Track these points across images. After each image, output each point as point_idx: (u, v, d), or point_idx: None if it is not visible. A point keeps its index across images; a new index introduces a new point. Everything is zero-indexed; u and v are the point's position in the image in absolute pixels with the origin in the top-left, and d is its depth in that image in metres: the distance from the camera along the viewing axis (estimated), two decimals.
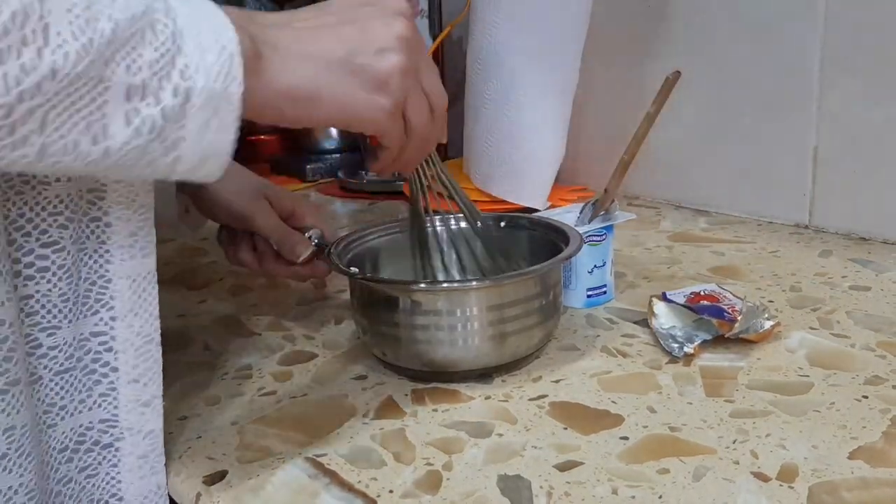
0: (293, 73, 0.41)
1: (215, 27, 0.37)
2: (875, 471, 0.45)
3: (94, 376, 0.45)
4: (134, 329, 0.45)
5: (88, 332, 0.45)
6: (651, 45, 1.03)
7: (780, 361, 0.59)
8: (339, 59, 0.43)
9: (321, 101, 0.42)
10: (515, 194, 0.97)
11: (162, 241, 1.01)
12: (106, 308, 0.45)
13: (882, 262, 0.79)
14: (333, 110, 0.43)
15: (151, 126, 0.36)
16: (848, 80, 0.85)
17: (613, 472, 0.46)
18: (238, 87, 0.37)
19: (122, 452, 0.47)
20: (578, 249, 0.61)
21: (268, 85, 0.40)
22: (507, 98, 0.96)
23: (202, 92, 0.36)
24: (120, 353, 0.45)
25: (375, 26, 0.44)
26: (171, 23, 0.36)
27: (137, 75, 0.35)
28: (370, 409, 0.55)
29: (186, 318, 0.75)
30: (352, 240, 0.65)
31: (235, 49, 0.37)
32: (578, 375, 0.58)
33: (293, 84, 0.41)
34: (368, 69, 0.43)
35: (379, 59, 0.44)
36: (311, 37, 0.43)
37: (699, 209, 1.02)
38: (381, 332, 0.59)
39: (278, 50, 0.41)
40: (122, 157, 0.36)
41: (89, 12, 0.33)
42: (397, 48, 0.44)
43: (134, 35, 0.35)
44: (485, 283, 0.59)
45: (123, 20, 0.34)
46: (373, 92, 0.44)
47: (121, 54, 0.34)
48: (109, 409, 0.46)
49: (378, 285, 0.59)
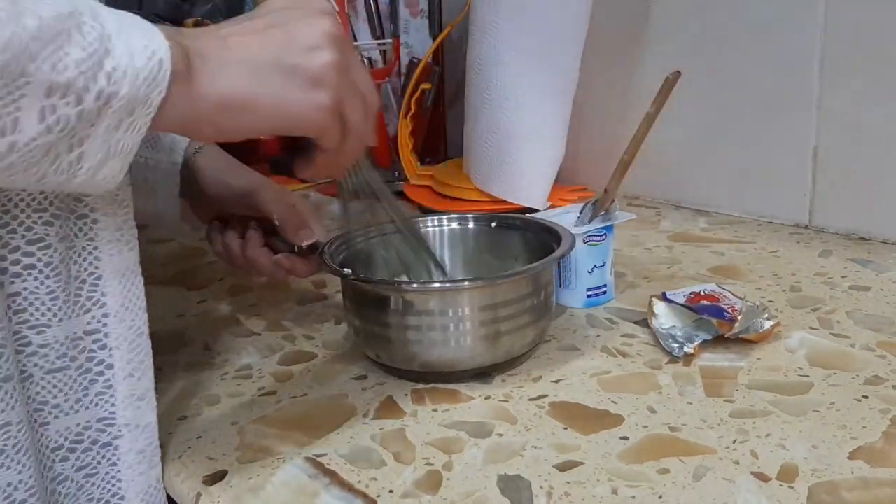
0: (225, 81, 0.40)
1: (145, 33, 0.37)
2: (875, 471, 0.45)
3: (90, 375, 0.45)
4: (126, 324, 0.46)
5: (82, 331, 0.45)
6: (651, 45, 1.03)
7: (780, 361, 0.59)
8: (270, 62, 0.42)
9: (257, 107, 0.42)
10: (515, 194, 0.97)
11: (162, 241, 1.01)
12: (98, 305, 0.45)
13: (882, 262, 0.79)
14: (271, 115, 0.43)
15: (65, 124, 0.35)
16: (848, 80, 0.85)
17: (613, 472, 0.46)
18: (159, 95, 0.37)
19: (121, 450, 0.47)
20: (570, 249, 0.61)
21: (200, 97, 0.40)
22: (507, 98, 0.96)
23: (123, 97, 0.36)
24: (114, 349, 0.46)
25: (301, 26, 0.43)
26: (99, 25, 0.36)
27: (63, 74, 0.34)
28: (370, 409, 0.55)
29: (186, 318, 0.75)
30: (344, 241, 0.65)
31: (165, 55, 0.37)
32: (578, 375, 0.58)
33: (226, 93, 0.41)
34: (301, 68, 0.43)
35: (310, 57, 0.43)
36: (239, 44, 0.42)
37: (699, 209, 1.02)
38: (374, 333, 0.59)
39: (208, 60, 0.40)
40: (27, 153, 0.35)
41: (13, 7, 0.33)
42: (327, 45, 0.43)
43: (60, 33, 0.34)
44: (477, 283, 0.59)
45: (49, 17, 0.34)
46: (309, 90, 0.43)
47: (46, 51, 0.34)
48: (107, 407, 0.46)
49: (371, 286, 0.59)
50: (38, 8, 0.34)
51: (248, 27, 0.43)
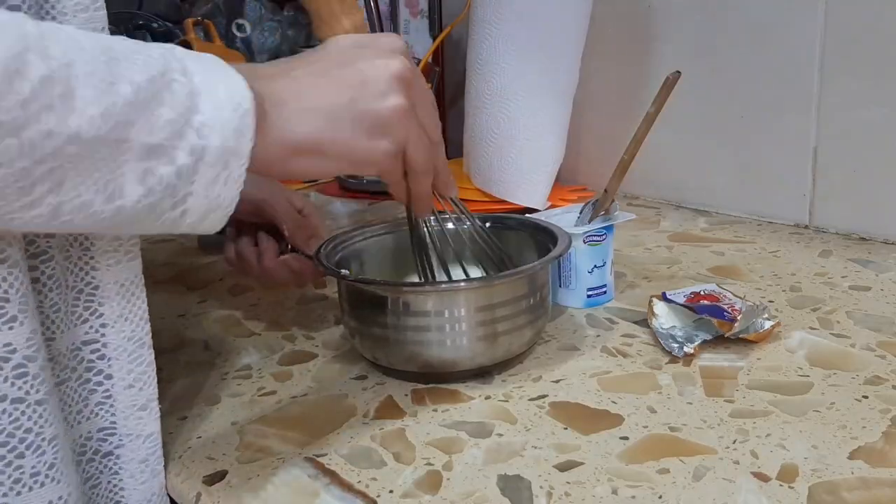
0: (298, 127, 0.42)
1: (229, 84, 0.38)
2: (875, 471, 0.45)
3: (90, 385, 0.45)
4: (125, 334, 0.45)
5: (80, 342, 0.44)
6: (651, 45, 1.03)
7: (780, 361, 0.59)
8: (342, 108, 0.43)
9: (326, 152, 0.43)
10: (515, 194, 0.97)
11: (162, 241, 1.01)
12: (95, 315, 0.45)
13: (882, 262, 0.79)
14: (338, 159, 0.44)
15: (166, 184, 0.36)
16: (848, 80, 0.85)
17: (613, 472, 0.46)
18: (248, 144, 0.38)
19: (123, 459, 0.47)
20: (566, 250, 0.61)
21: (274, 141, 0.41)
22: (507, 98, 0.96)
23: (216, 150, 0.37)
24: (113, 359, 0.45)
25: (371, 69, 0.44)
26: (188, 81, 0.36)
27: (156, 135, 0.35)
28: (370, 409, 0.55)
29: (186, 318, 0.75)
30: (339, 241, 0.65)
31: (250, 106, 0.38)
32: (578, 375, 0.58)
33: (299, 138, 0.42)
34: (370, 114, 0.44)
35: (380, 103, 0.44)
36: (311, 86, 0.43)
37: (699, 209, 1.02)
38: (371, 334, 0.58)
39: (282, 105, 0.41)
40: (133, 215, 0.36)
41: (111, 76, 0.34)
42: (396, 89, 0.44)
43: (153, 96, 0.35)
44: (473, 283, 0.59)
45: (143, 82, 0.35)
46: (375, 137, 0.44)
47: (141, 116, 0.35)
48: (107, 418, 0.46)
49: (368, 287, 0.59)
50: (131, 73, 0.35)
51: (319, 67, 0.44)
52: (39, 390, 0.40)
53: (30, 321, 0.39)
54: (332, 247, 0.63)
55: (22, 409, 0.40)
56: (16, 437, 0.40)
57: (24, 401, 0.40)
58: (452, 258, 0.65)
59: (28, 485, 0.40)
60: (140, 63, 0.35)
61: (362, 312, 0.59)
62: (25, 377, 0.40)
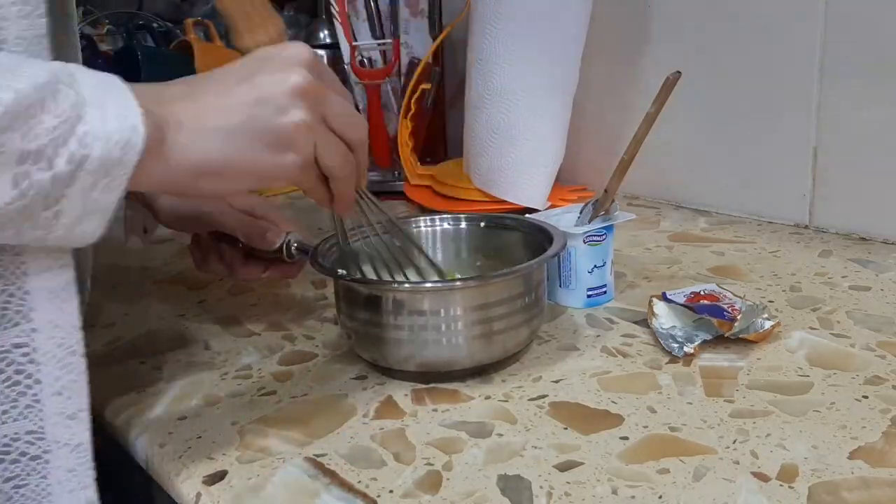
0: (199, 149, 0.42)
1: (120, 99, 0.39)
2: (875, 471, 0.45)
3: (19, 388, 0.44)
4: (55, 341, 0.45)
5: (10, 344, 0.44)
6: (651, 45, 1.03)
7: (780, 361, 0.59)
8: (240, 127, 0.43)
9: (231, 171, 0.44)
10: (515, 194, 0.97)
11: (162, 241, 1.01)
12: (26, 320, 0.44)
13: (882, 262, 0.79)
14: (245, 178, 0.45)
15: (39, 189, 0.37)
16: (848, 80, 0.85)
17: (613, 472, 0.46)
18: (136, 156, 0.38)
19: (51, 465, 0.46)
20: (562, 249, 0.61)
21: (177, 164, 0.42)
22: (507, 98, 0.96)
23: (97, 160, 0.37)
24: (42, 364, 0.45)
25: (271, 84, 0.44)
26: (75, 93, 0.37)
27: (33, 142, 0.36)
28: (370, 409, 0.55)
29: (186, 318, 0.75)
30: (336, 241, 0.65)
31: (139, 120, 0.38)
32: (578, 375, 0.58)
33: (201, 160, 0.43)
34: (270, 131, 0.44)
35: (278, 118, 0.44)
36: (211, 107, 0.43)
37: (699, 209, 1.02)
38: (368, 334, 0.58)
39: (180, 127, 0.42)
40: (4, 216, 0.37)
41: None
42: (295, 103, 0.44)
43: (34, 104, 0.36)
44: (469, 282, 0.59)
45: (24, 89, 0.35)
46: (279, 153, 0.45)
47: (18, 122, 0.35)
48: (35, 421, 0.45)
49: (364, 287, 0.59)
50: (14, 82, 0.35)
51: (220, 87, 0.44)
52: None
53: None
54: (328, 246, 0.63)
55: None
56: None
57: None
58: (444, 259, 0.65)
59: None
60: (27, 74, 0.36)
61: (358, 312, 0.59)
62: None
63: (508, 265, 0.62)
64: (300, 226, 0.70)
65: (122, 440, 0.55)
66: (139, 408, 0.57)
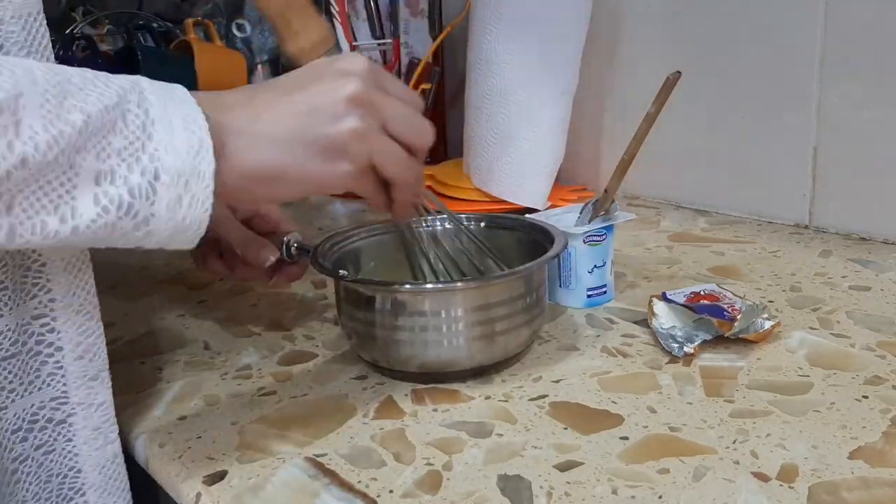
0: (255, 156, 0.43)
1: (184, 112, 0.40)
2: (875, 471, 0.45)
3: (41, 357, 0.47)
4: (73, 308, 0.47)
5: (29, 317, 0.46)
6: (651, 45, 1.03)
7: (780, 361, 0.59)
8: (296, 135, 0.44)
9: (286, 178, 0.45)
10: (515, 194, 0.97)
11: None
12: (44, 291, 0.46)
13: (882, 262, 0.79)
14: (300, 184, 0.46)
15: (119, 204, 0.38)
16: (848, 80, 0.85)
17: (613, 472, 0.46)
18: (209, 165, 0.40)
19: (76, 427, 0.48)
20: (563, 250, 0.61)
21: (234, 170, 0.42)
22: (507, 98, 0.96)
23: (170, 169, 0.39)
24: (62, 332, 0.47)
25: (324, 92, 0.45)
26: (143, 113, 0.38)
27: (106, 162, 0.37)
28: (370, 409, 0.55)
29: (186, 318, 0.75)
30: (337, 241, 0.65)
31: (205, 133, 0.40)
32: (578, 375, 0.58)
33: (257, 166, 0.44)
34: (323, 139, 0.45)
35: (332, 126, 0.45)
36: (267, 115, 0.44)
37: (699, 209, 1.02)
38: (369, 334, 0.58)
39: (239, 134, 0.43)
40: (91, 234, 0.38)
41: (61, 107, 0.36)
42: (349, 111, 0.45)
43: (105, 125, 0.37)
44: (470, 283, 0.59)
45: (95, 112, 0.37)
46: (332, 160, 0.45)
47: (91, 143, 0.37)
48: (58, 387, 0.48)
49: (365, 287, 0.59)
50: (85, 104, 0.37)
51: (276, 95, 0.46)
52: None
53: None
54: (329, 246, 0.63)
55: None
56: None
57: None
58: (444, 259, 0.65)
59: None
60: (95, 94, 0.37)
61: (359, 313, 0.59)
62: None
63: (509, 266, 0.62)
64: (301, 226, 0.70)
65: (123, 440, 0.55)
66: (139, 408, 0.57)
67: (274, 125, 0.44)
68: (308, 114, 0.45)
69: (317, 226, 1.02)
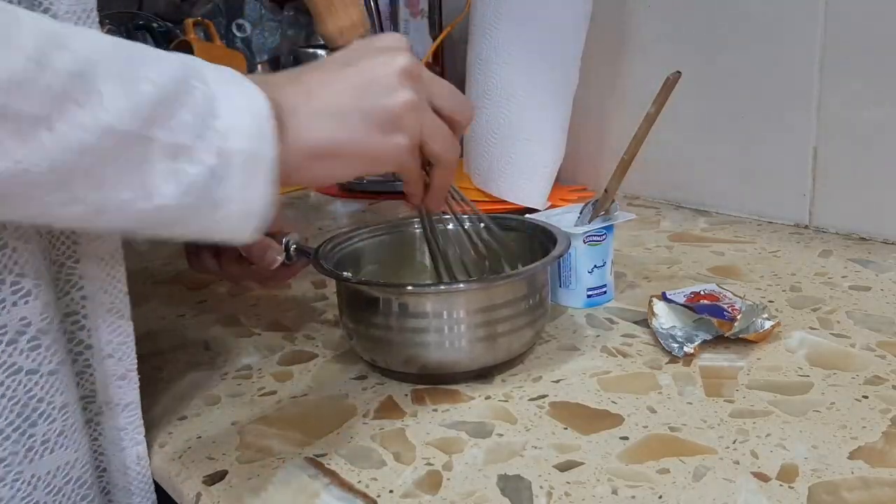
0: (313, 132, 0.43)
1: (244, 91, 0.39)
2: (875, 471, 0.45)
3: (70, 356, 0.46)
4: (105, 306, 0.46)
5: (62, 314, 0.45)
6: (651, 45, 1.03)
7: (780, 361, 0.59)
8: (352, 107, 0.44)
9: (343, 153, 0.44)
10: (515, 194, 0.97)
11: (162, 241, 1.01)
12: (76, 288, 0.45)
13: (882, 262, 0.79)
14: (356, 159, 0.45)
15: (200, 184, 0.37)
16: (848, 80, 0.85)
17: (613, 472, 0.46)
18: (271, 150, 0.39)
19: (103, 427, 0.48)
20: (566, 251, 0.61)
21: (292, 148, 0.41)
22: (507, 98, 0.96)
23: (239, 153, 0.38)
24: (93, 330, 0.46)
25: (377, 66, 0.45)
26: (206, 87, 0.37)
27: (179, 136, 0.36)
28: (370, 409, 0.55)
29: (186, 318, 0.75)
30: (338, 242, 0.65)
31: (268, 112, 0.39)
32: (578, 375, 0.58)
33: (314, 144, 0.43)
34: (380, 111, 0.44)
35: (388, 99, 0.44)
36: (320, 90, 0.44)
37: (699, 209, 1.02)
38: (370, 336, 0.58)
39: (294, 111, 0.42)
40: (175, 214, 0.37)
41: (133, 75, 0.35)
42: (403, 84, 0.45)
43: (174, 97, 0.36)
44: (473, 285, 0.59)
45: (164, 83, 0.36)
46: (389, 133, 0.45)
47: (164, 115, 0.36)
48: (87, 386, 0.47)
49: (367, 288, 0.59)
50: (152, 74, 0.36)
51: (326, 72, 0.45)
52: (52, 361, 0.42)
53: (43, 294, 0.41)
54: (330, 247, 0.63)
55: (35, 379, 0.42)
56: (29, 406, 0.42)
57: (37, 371, 0.42)
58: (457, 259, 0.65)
59: (39, 452, 0.42)
60: (159, 65, 0.36)
61: (361, 314, 0.59)
62: (38, 349, 0.42)
63: (510, 266, 0.62)
64: (300, 226, 0.70)
65: None
66: None
67: (329, 100, 0.43)
68: (363, 87, 0.44)
69: (317, 226, 1.02)
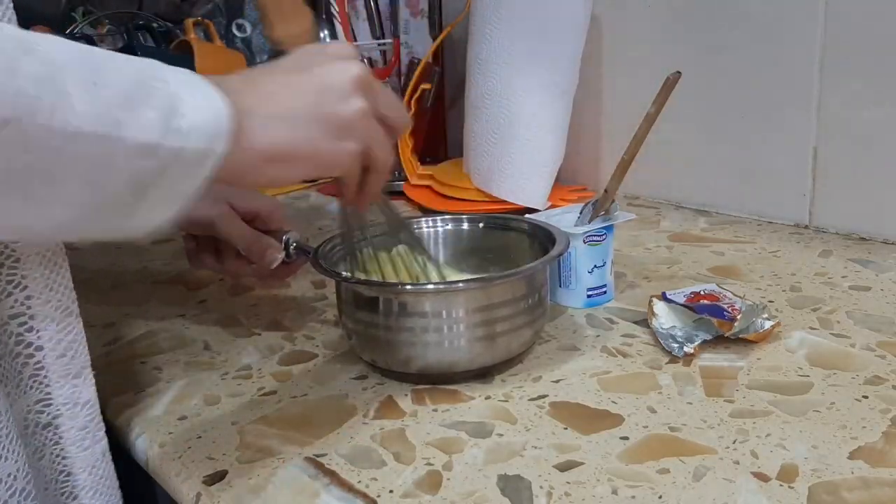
0: (267, 135, 0.43)
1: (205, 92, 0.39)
2: (875, 471, 0.45)
3: (21, 359, 0.45)
4: (52, 304, 0.45)
5: (6, 316, 0.44)
6: (651, 45, 1.03)
7: (780, 361, 0.59)
8: (306, 113, 0.44)
9: (298, 157, 0.45)
10: (515, 194, 0.97)
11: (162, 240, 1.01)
12: (19, 288, 0.44)
13: (882, 262, 0.79)
14: (309, 164, 0.45)
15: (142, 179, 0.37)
16: (848, 80, 0.85)
17: (613, 472, 0.46)
18: (223, 147, 0.39)
19: (63, 428, 0.47)
20: (565, 250, 0.61)
21: (246, 151, 0.42)
22: (507, 98, 0.96)
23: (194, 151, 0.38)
24: (41, 330, 0.45)
25: (333, 73, 0.46)
26: (167, 87, 0.38)
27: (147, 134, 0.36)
28: (370, 409, 0.55)
29: (186, 318, 0.75)
30: (338, 242, 0.65)
31: (227, 111, 0.39)
32: (578, 375, 0.58)
33: (269, 146, 0.43)
34: (334, 117, 0.45)
35: (342, 105, 0.45)
36: (276, 95, 0.44)
37: (699, 209, 1.02)
38: (369, 335, 0.58)
39: (250, 115, 0.42)
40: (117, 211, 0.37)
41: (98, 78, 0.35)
42: (356, 91, 0.46)
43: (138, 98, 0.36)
44: (472, 284, 0.59)
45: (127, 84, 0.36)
46: (341, 139, 0.46)
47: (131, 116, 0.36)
48: (42, 388, 0.46)
49: (367, 288, 0.59)
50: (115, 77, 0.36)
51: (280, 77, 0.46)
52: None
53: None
54: (329, 248, 0.63)
55: None
56: None
57: None
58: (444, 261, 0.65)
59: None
60: (121, 68, 0.37)
61: (360, 314, 0.59)
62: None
63: (510, 266, 0.62)
64: (300, 226, 0.70)
65: (122, 440, 0.55)
66: (139, 408, 0.57)
67: (285, 105, 0.44)
68: (318, 93, 0.45)
69: (317, 226, 1.02)
